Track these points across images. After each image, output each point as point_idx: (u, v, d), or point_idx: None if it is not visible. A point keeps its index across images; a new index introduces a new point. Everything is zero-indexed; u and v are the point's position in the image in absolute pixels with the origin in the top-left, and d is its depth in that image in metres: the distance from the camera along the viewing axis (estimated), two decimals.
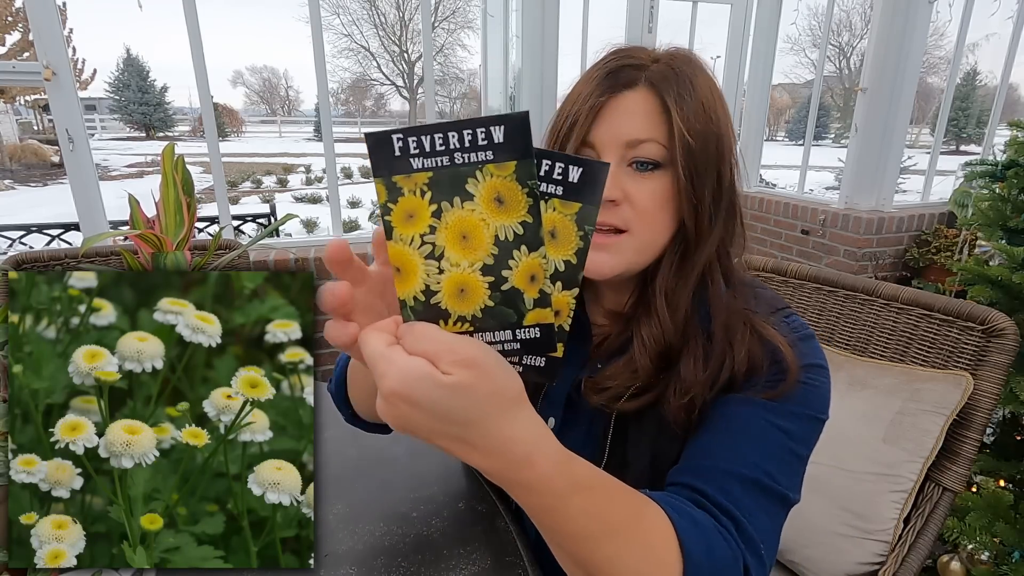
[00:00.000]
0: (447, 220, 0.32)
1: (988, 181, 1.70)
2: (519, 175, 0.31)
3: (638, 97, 0.56)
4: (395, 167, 0.32)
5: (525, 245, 0.32)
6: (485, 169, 0.31)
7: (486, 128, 0.30)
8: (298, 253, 2.24)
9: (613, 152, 0.56)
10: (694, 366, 0.56)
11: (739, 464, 0.52)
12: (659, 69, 0.57)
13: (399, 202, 0.32)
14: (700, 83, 0.57)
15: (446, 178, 0.32)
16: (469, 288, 0.33)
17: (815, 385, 0.57)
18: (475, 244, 0.33)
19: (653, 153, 0.56)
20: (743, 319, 0.58)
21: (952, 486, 0.88)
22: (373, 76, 38.04)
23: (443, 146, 0.31)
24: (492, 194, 0.32)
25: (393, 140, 0.31)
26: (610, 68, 0.57)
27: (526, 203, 0.31)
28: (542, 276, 0.33)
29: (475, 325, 0.34)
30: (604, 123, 0.56)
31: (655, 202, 0.56)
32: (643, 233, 0.57)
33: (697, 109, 0.56)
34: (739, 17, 3.12)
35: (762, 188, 3.50)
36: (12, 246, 4.01)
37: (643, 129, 0.55)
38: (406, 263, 0.34)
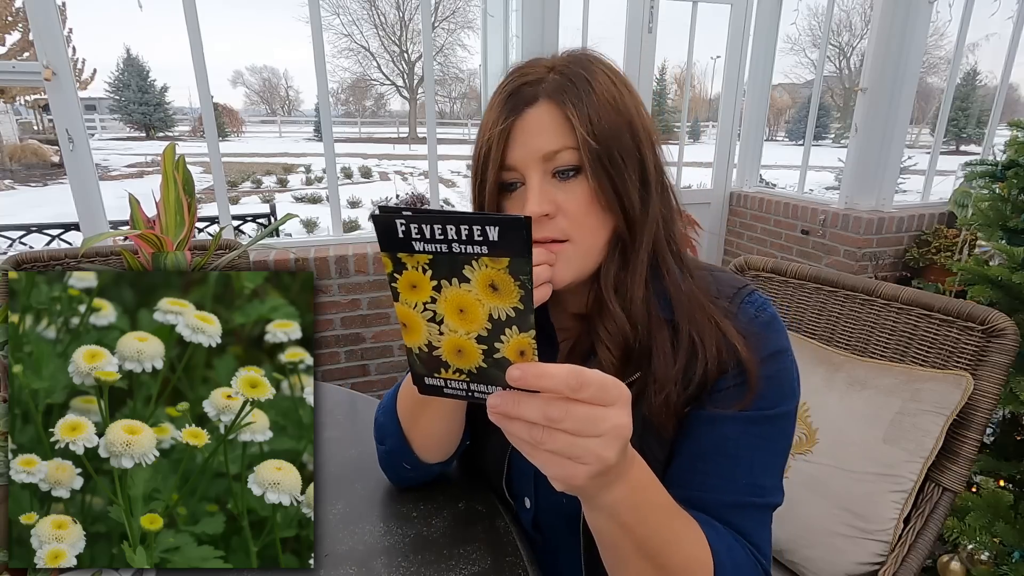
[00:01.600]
0: (446, 295, 0.35)
1: (988, 181, 1.70)
2: (512, 270, 0.34)
3: (540, 112, 0.57)
4: (399, 247, 0.34)
5: (516, 326, 0.35)
6: (480, 261, 0.34)
7: (482, 227, 0.33)
8: (298, 253, 2.24)
9: (534, 168, 0.57)
10: (664, 360, 0.58)
11: (736, 492, 0.57)
12: (554, 79, 0.58)
13: (403, 274, 0.35)
14: (598, 80, 0.58)
15: (445, 262, 0.34)
16: (466, 351, 0.37)
17: (779, 376, 0.59)
18: (471, 318, 0.36)
19: (569, 158, 0.57)
20: (706, 315, 0.59)
21: (952, 486, 0.88)
22: (373, 76, 38.07)
23: (442, 236, 0.33)
24: (487, 281, 0.34)
25: (397, 225, 0.34)
26: (509, 90, 0.59)
27: (518, 293, 0.34)
28: (531, 353, 0.36)
29: (471, 378, 0.38)
30: (516, 144, 0.58)
31: (584, 206, 0.58)
32: (583, 239, 0.58)
33: (599, 107, 0.56)
34: (739, 17, 3.12)
35: (762, 188, 3.50)
36: (12, 246, 4.01)
37: (553, 141, 0.57)
38: (411, 322, 0.37)
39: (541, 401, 0.36)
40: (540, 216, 0.57)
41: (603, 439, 0.37)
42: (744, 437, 0.57)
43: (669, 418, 0.58)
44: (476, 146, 0.62)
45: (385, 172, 16.59)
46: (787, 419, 0.60)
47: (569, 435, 0.36)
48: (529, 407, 0.36)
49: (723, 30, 3.16)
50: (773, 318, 0.61)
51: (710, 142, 3.51)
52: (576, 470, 0.37)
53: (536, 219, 0.57)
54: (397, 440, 0.69)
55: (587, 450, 0.37)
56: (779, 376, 0.59)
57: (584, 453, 0.37)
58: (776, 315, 0.62)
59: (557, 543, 0.68)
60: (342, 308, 2.30)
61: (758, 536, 0.57)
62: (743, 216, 3.37)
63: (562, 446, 0.37)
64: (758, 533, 0.57)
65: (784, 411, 0.59)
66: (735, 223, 3.44)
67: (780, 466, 0.60)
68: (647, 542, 0.47)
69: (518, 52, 2.76)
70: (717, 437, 0.58)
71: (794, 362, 0.61)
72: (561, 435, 0.36)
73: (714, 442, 0.58)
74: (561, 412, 0.36)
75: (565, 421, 0.36)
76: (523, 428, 0.37)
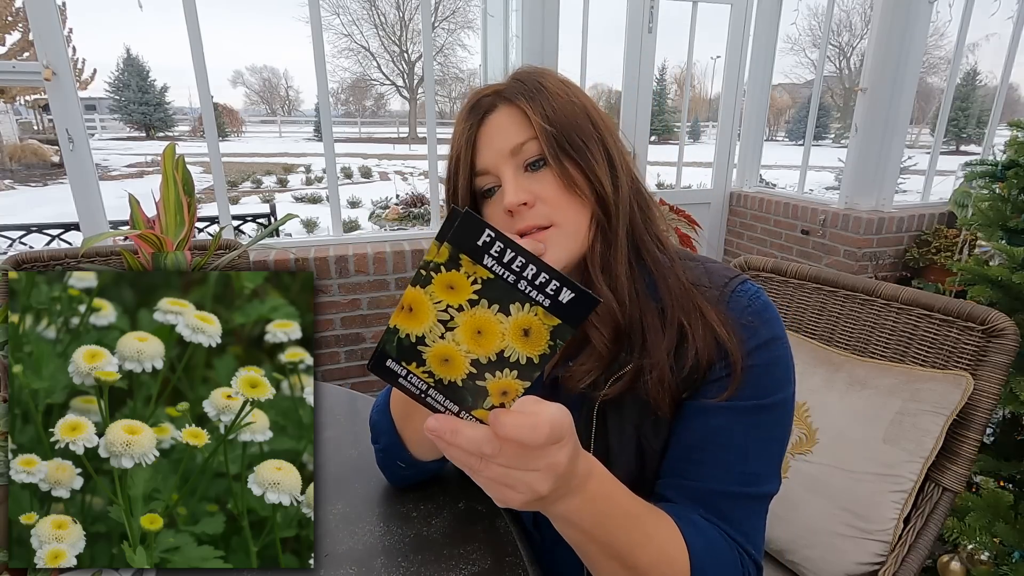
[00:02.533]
0: (476, 312, 0.35)
1: (988, 181, 1.70)
2: (555, 332, 0.35)
3: (501, 115, 0.62)
4: (468, 250, 0.34)
5: (518, 371, 0.36)
6: (535, 308, 0.34)
7: (560, 285, 0.33)
8: (298, 253, 2.24)
9: (505, 164, 0.61)
10: (655, 337, 0.59)
11: (729, 481, 0.57)
12: (508, 85, 0.63)
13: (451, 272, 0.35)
14: (548, 80, 0.62)
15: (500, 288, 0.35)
16: (453, 363, 0.37)
17: (775, 363, 0.59)
18: (483, 343, 0.36)
19: (535, 149, 0.61)
20: (692, 301, 0.60)
21: (952, 486, 0.88)
22: (373, 76, 38.03)
23: (518, 268, 0.34)
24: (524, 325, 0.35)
25: (484, 231, 0.34)
26: (471, 104, 0.64)
27: (544, 350, 0.35)
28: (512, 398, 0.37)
29: (437, 386, 0.38)
30: (483, 148, 0.62)
31: (558, 191, 0.60)
32: (565, 221, 0.61)
33: (551, 96, 0.61)
34: (739, 17, 3.12)
35: (762, 188, 3.50)
36: (12, 246, 4.01)
37: (516, 135, 0.61)
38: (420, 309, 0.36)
39: (479, 436, 0.37)
40: (518, 205, 0.59)
41: (537, 474, 0.39)
42: (737, 426, 0.58)
43: (664, 397, 0.58)
44: (447, 163, 0.66)
45: (385, 172, 16.58)
46: (783, 407, 0.60)
47: (502, 468, 0.38)
48: (466, 439, 0.37)
49: (723, 30, 3.16)
50: (766, 306, 0.62)
51: (710, 142, 3.51)
52: (512, 496, 0.40)
53: (516, 210, 0.60)
54: (391, 438, 0.69)
55: (520, 481, 0.39)
56: (773, 364, 0.59)
57: (517, 483, 0.39)
58: (769, 303, 0.62)
59: (557, 541, 0.68)
60: (342, 308, 2.30)
61: (749, 525, 0.57)
62: (743, 216, 3.37)
63: (496, 475, 0.39)
64: (749, 522, 0.57)
65: (779, 399, 0.59)
66: (735, 223, 3.44)
67: (776, 454, 0.60)
68: (611, 546, 0.48)
69: (518, 52, 2.76)
70: (711, 427, 0.58)
71: (789, 350, 0.61)
72: (495, 466, 0.38)
73: (708, 432, 0.58)
74: (495, 450, 0.37)
75: (499, 458, 0.38)
76: (461, 455, 0.39)
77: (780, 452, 0.60)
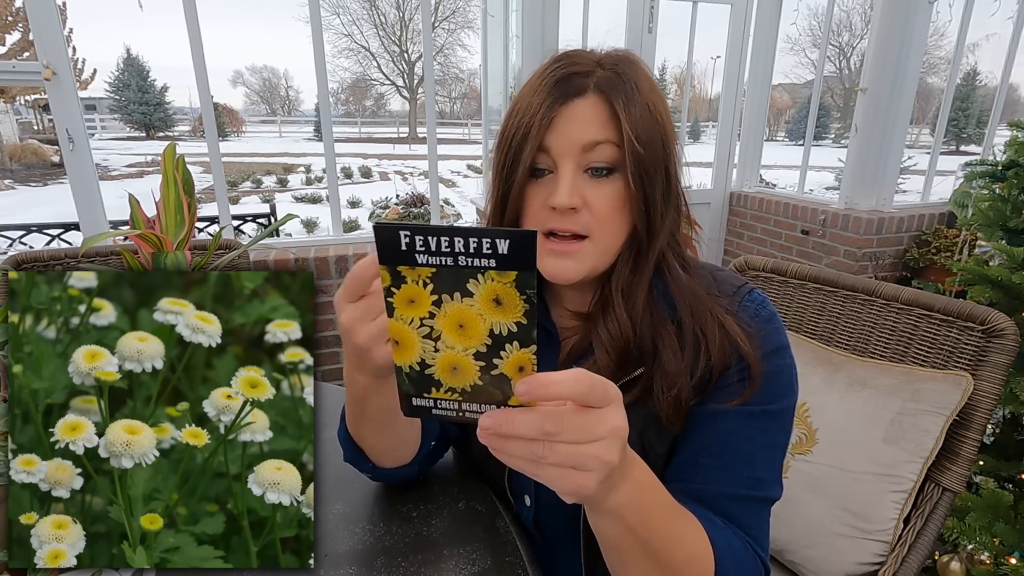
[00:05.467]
0: (446, 310, 0.35)
1: (988, 181, 1.70)
2: (519, 284, 0.33)
3: (588, 104, 0.58)
4: (400, 259, 0.34)
5: (517, 341, 0.35)
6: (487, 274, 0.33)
7: (492, 240, 0.32)
8: (298, 253, 2.24)
9: (569, 158, 0.57)
10: (673, 356, 0.58)
11: (734, 484, 0.57)
12: (605, 75, 0.58)
13: (402, 288, 0.35)
14: (643, 86, 0.59)
15: (448, 276, 0.34)
16: (461, 368, 0.36)
17: (780, 372, 0.60)
18: (471, 333, 0.35)
19: (608, 155, 0.58)
20: (708, 309, 0.60)
21: (952, 486, 0.88)
22: (373, 76, 38.07)
23: (448, 248, 0.33)
24: (491, 295, 0.34)
25: (400, 237, 0.33)
26: (558, 76, 0.58)
27: (523, 307, 0.34)
28: (530, 368, 0.35)
29: (464, 397, 0.37)
30: (558, 131, 0.57)
31: (612, 206, 0.58)
32: (602, 239, 0.59)
33: (643, 113, 0.57)
34: (739, 17, 3.12)
35: (762, 188, 3.50)
36: (12, 246, 4.01)
37: (597, 132, 0.57)
38: (405, 339, 0.36)
39: (536, 416, 0.35)
40: (567, 209, 0.57)
41: (604, 442, 0.37)
42: (745, 431, 0.58)
43: (679, 413, 0.58)
44: (506, 129, 0.60)
45: (385, 172, 16.58)
46: (786, 415, 0.61)
47: (570, 444, 0.36)
48: (525, 423, 0.35)
49: (723, 30, 3.16)
50: (773, 315, 0.63)
51: (710, 142, 3.50)
52: (584, 479, 0.37)
53: (562, 211, 0.57)
54: (351, 450, 0.67)
55: (590, 456, 0.36)
56: (780, 372, 0.60)
57: (588, 460, 0.36)
58: (775, 313, 0.63)
59: (557, 540, 0.68)
60: None
61: (757, 528, 0.57)
62: (743, 216, 3.37)
63: (565, 457, 0.36)
64: (756, 525, 0.58)
65: (784, 406, 0.60)
66: (735, 223, 3.44)
67: (779, 460, 0.60)
68: (651, 541, 0.47)
69: (518, 52, 2.76)
70: (720, 431, 0.58)
71: (793, 359, 0.62)
72: (562, 446, 0.36)
73: (717, 436, 0.58)
74: (558, 424, 0.35)
75: (563, 432, 0.35)
76: (522, 446, 0.36)
77: (782, 459, 0.61)
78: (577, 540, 0.64)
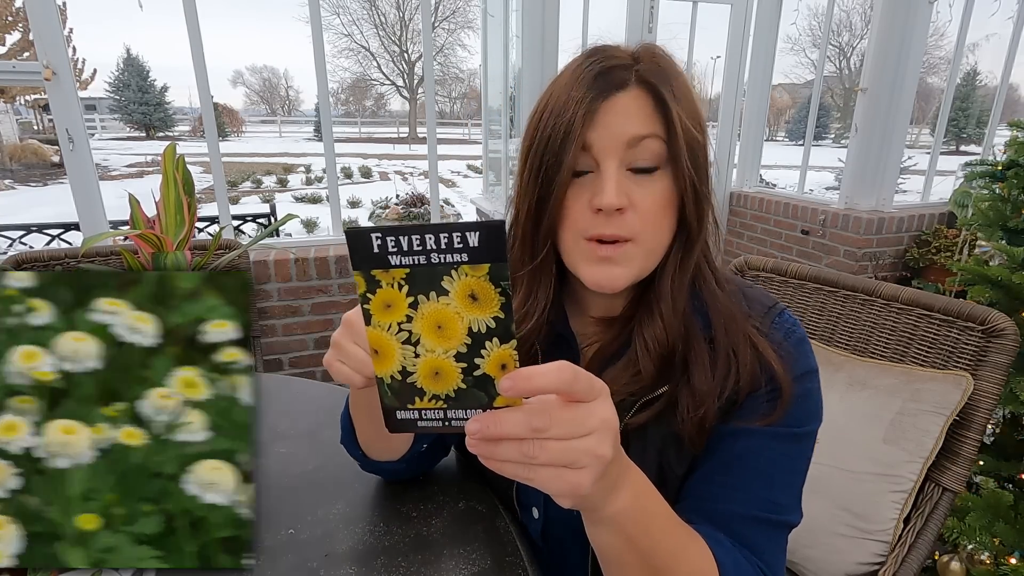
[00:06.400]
0: (423, 311, 0.34)
1: (988, 181, 1.70)
2: (492, 276, 0.33)
3: (630, 97, 0.55)
4: (373, 262, 0.34)
5: (497, 337, 0.34)
6: (460, 269, 0.33)
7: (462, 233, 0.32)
8: (298, 253, 2.24)
9: (613, 156, 0.54)
10: (704, 375, 0.56)
11: (751, 505, 0.55)
12: (648, 67, 0.56)
13: (377, 293, 0.34)
14: (683, 75, 0.57)
15: (423, 275, 0.34)
16: (443, 372, 0.36)
17: (808, 395, 0.58)
18: (449, 334, 0.35)
19: (652, 150, 0.54)
20: (741, 329, 0.58)
21: (952, 486, 0.88)
22: (373, 76, 38.07)
23: (420, 247, 0.33)
24: (466, 291, 0.34)
25: (372, 239, 0.33)
26: (596, 71, 0.55)
27: (499, 301, 0.34)
28: (512, 365, 0.35)
29: (448, 403, 0.37)
30: (600, 126, 0.54)
31: (658, 205, 0.55)
32: (648, 239, 0.56)
33: (689, 104, 0.56)
34: (739, 17, 3.12)
35: (762, 188, 3.50)
36: (12, 246, 4.01)
37: (643, 125, 0.54)
38: (384, 347, 0.36)
39: (523, 413, 0.35)
40: (613, 211, 0.53)
41: (595, 436, 0.36)
42: (767, 452, 0.56)
43: (702, 435, 0.56)
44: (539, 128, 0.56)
45: (385, 172, 16.58)
46: (811, 439, 0.59)
47: (560, 441, 0.35)
48: (512, 422, 0.34)
49: (723, 30, 3.16)
50: (804, 338, 0.60)
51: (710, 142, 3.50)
52: (579, 477, 0.36)
53: (608, 213, 0.54)
54: (347, 432, 0.69)
55: (582, 451, 0.35)
56: (809, 396, 0.58)
57: (580, 456, 0.35)
58: (805, 336, 0.61)
59: (565, 554, 0.67)
60: (342, 308, 2.29)
61: (770, 554, 0.54)
62: (743, 216, 3.37)
63: (556, 455, 0.35)
64: (770, 551, 0.54)
65: (809, 431, 0.58)
66: (735, 223, 3.44)
67: (798, 486, 0.58)
68: (651, 555, 0.45)
69: (518, 52, 2.76)
70: (741, 449, 0.56)
71: (819, 383, 0.60)
72: (552, 443, 0.35)
73: (737, 454, 0.56)
74: (546, 420, 0.34)
75: (552, 428, 0.34)
76: (512, 448, 0.35)
77: (801, 485, 0.59)
78: (585, 554, 0.63)
